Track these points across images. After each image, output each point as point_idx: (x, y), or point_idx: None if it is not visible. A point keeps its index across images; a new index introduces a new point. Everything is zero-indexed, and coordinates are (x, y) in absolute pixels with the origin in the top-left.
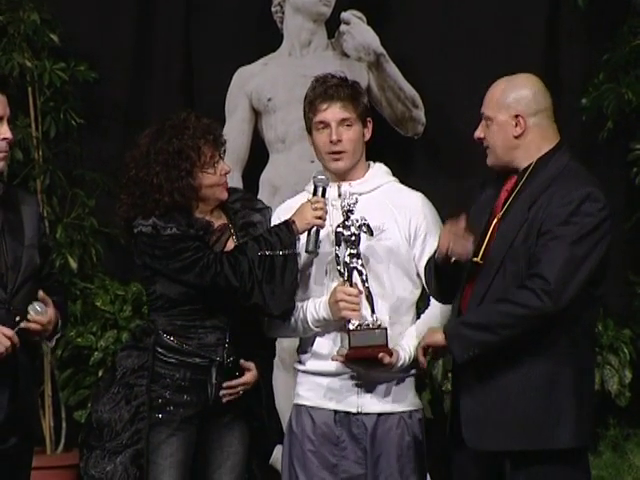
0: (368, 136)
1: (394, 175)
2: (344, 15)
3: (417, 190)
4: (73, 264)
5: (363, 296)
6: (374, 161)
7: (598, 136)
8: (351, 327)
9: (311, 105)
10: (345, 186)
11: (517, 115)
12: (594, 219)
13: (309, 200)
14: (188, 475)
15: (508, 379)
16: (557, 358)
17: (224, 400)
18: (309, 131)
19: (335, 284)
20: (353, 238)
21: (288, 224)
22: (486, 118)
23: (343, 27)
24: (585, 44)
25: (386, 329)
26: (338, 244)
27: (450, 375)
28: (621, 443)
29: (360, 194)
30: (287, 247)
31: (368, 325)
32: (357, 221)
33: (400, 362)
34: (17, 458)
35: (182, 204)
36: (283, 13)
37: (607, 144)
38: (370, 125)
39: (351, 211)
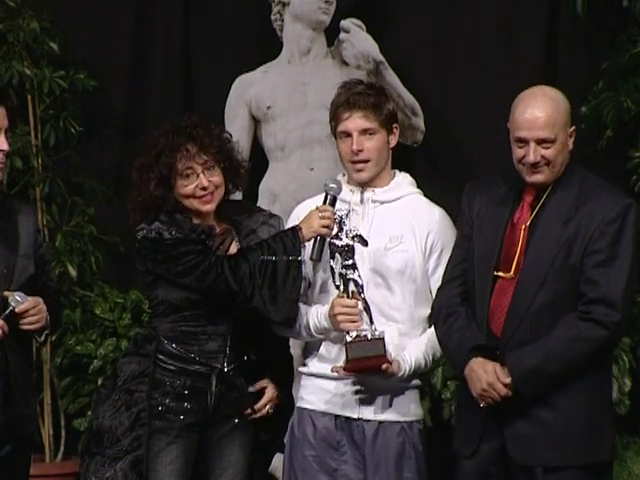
0: (394, 143)
1: None
2: (343, 23)
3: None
4: (72, 272)
5: (361, 307)
6: (399, 170)
7: (597, 144)
8: (348, 339)
9: (334, 113)
10: (368, 193)
11: (573, 129)
12: (637, 234)
13: (317, 208)
14: None
15: (557, 396)
16: (600, 374)
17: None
18: (335, 137)
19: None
20: (347, 249)
21: (294, 230)
22: (546, 141)
23: (342, 35)
24: (584, 52)
25: (383, 339)
26: (332, 256)
27: (450, 383)
28: (620, 451)
29: (382, 202)
30: (291, 253)
31: (365, 336)
32: (350, 232)
33: (400, 373)
34: (12, 466)
35: (170, 209)
36: (282, 21)
37: (606, 152)
38: (397, 131)
39: (343, 222)
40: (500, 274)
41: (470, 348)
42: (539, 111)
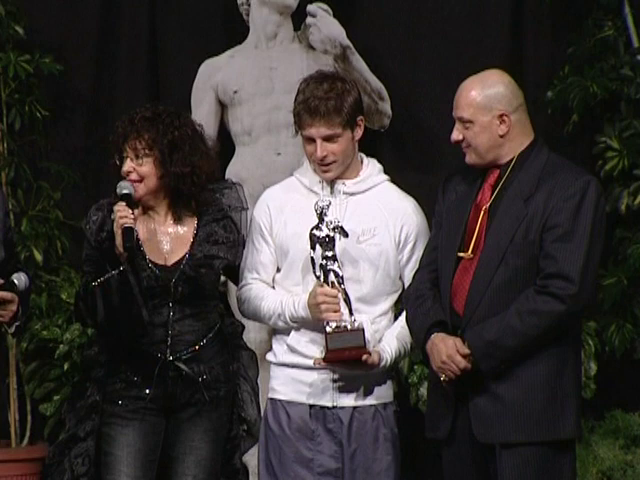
0: (360, 134)
1: None
2: (310, 8)
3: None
4: (38, 257)
5: (340, 298)
6: (366, 155)
7: (563, 129)
8: (328, 330)
9: (297, 115)
10: (339, 185)
11: (502, 114)
12: (599, 209)
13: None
14: (153, 466)
15: (517, 374)
16: (563, 351)
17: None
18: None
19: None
20: (327, 240)
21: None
22: (465, 121)
23: (309, 20)
24: (550, 37)
25: (363, 330)
26: (313, 247)
27: (417, 368)
28: (586, 435)
29: (353, 194)
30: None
31: (345, 327)
32: (331, 223)
33: (382, 363)
34: None
35: None
36: (249, 5)
37: (572, 137)
38: (362, 123)
39: (324, 213)
40: (462, 254)
41: (431, 324)
42: (462, 91)
